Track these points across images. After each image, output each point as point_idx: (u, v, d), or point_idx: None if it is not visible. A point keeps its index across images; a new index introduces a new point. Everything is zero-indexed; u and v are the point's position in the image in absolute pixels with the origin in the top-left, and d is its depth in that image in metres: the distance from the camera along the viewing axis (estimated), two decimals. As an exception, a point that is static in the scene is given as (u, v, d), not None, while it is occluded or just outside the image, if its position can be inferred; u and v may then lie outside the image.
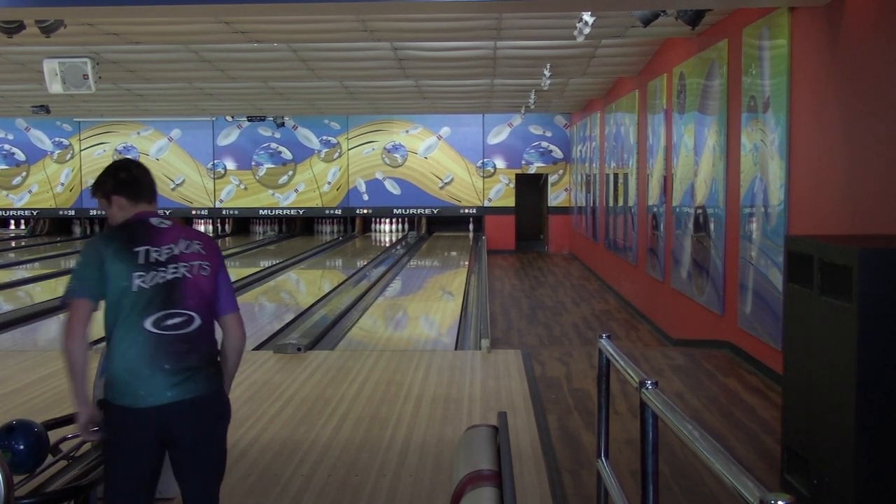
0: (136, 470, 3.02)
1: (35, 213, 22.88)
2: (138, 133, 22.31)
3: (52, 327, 10.26)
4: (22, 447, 3.50)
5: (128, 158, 3.50)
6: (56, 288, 13.96)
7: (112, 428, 3.02)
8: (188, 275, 3.08)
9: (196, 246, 3.14)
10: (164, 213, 3.38)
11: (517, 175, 21.39)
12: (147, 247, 3.05)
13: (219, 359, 3.20)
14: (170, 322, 3.01)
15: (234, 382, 3.38)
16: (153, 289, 3.00)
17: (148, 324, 2.98)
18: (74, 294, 3.03)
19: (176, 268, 3.06)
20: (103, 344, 3.14)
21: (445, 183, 21.59)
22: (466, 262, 16.82)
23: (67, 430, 3.92)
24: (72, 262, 17.79)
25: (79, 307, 3.01)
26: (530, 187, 21.88)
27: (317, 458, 4.91)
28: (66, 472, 4.06)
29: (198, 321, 3.08)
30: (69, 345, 3.01)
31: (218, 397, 3.17)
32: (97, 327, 3.11)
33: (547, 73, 11.72)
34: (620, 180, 13.19)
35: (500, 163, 21.38)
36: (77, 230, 23.43)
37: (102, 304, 3.04)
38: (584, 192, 17.98)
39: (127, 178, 3.21)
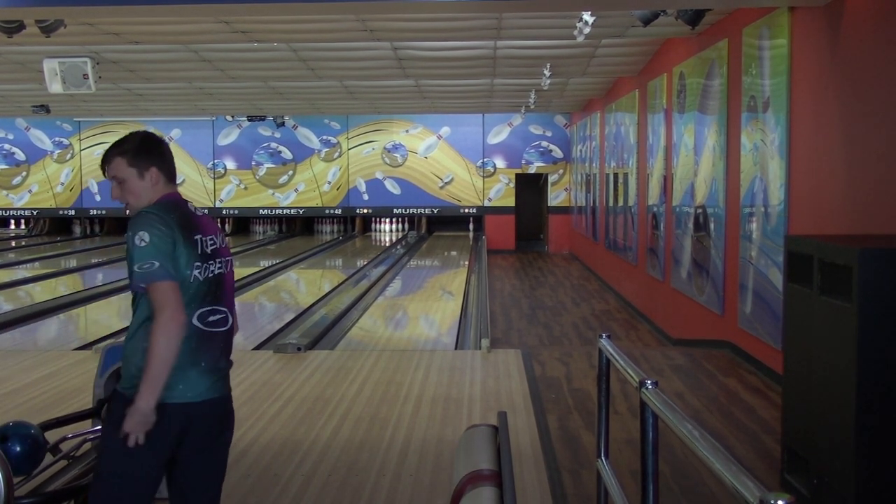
0: (152, 471, 2.86)
1: (35, 213, 22.88)
2: (138, 133, 22.29)
3: (51, 327, 10.26)
4: (18, 450, 3.48)
5: (146, 131, 3.15)
6: (56, 287, 13.96)
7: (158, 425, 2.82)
8: (226, 270, 3.01)
9: (226, 240, 3.08)
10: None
11: (517, 175, 21.39)
12: (201, 235, 2.90)
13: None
14: (212, 319, 2.93)
15: (234, 382, 3.38)
16: (205, 282, 2.89)
17: (195, 318, 2.86)
18: (164, 276, 2.75)
19: (221, 262, 2.97)
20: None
21: (445, 183, 21.59)
22: (466, 262, 16.82)
23: (67, 430, 3.92)
24: (72, 262, 17.83)
25: (173, 290, 2.76)
26: (530, 187, 21.88)
27: (317, 458, 4.90)
28: (66, 472, 4.06)
29: (230, 320, 3.03)
30: (178, 332, 2.76)
31: (231, 401, 3.14)
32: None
33: (547, 72, 11.72)
34: (620, 180, 13.19)
35: (500, 162, 21.38)
36: (77, 230, 23.44)
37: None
38: (584, 191, 17.98)
39: (168, 151, 3.01)
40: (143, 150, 2.94)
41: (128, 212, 2.94)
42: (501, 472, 2.65)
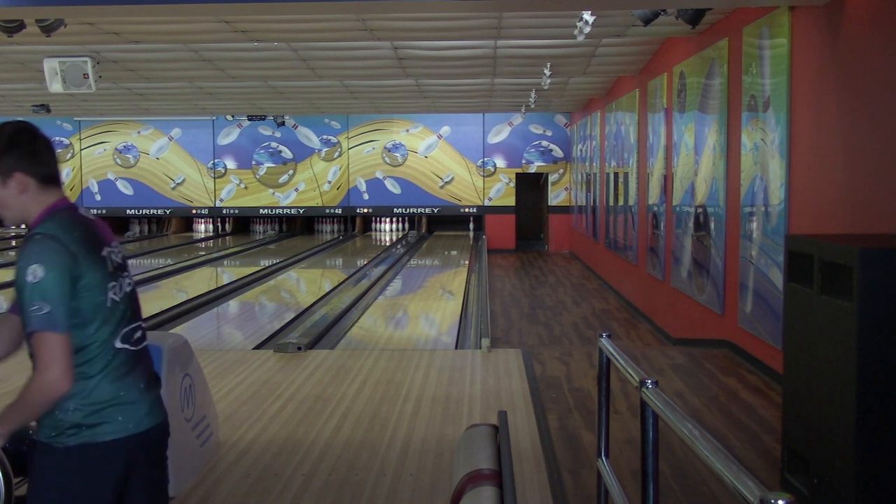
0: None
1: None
2: (138, 132, 22.32)
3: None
4: (25, 449, 3.40)
5: (20, 121, 2.48)
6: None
7: (73, 474, 2.39)
8: (132, 280, 2.60)
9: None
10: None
11: (517, 174, 21.39)
12: (107, 247, 2.46)
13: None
14: (135, 336, 2.52)
15: (234, 382, 3.35)
16: (123, 300, 2.47)
17: (119, 341, 2.45)
18: (53, 326, 2.31)
19: (128, 273, 2.55)
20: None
21: (446, 182, 21.59)
22: (466, 262, 16.82)
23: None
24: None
25: (61, 345, 2.32)
26: (530, 186, 21.88)
27: (317, 458, 4.91)
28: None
29: (145, 333, 2.61)
30: (57, 398, 2.36)
31: (168, 426, 2.64)
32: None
33: (547, 72, 11.72)
34: (621, 179, 13.19)
35: (500, 162, 21.38)
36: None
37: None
38: (584, 191, 17.98)
39: (42, 146, 2.42)
40: (2, 150, 2.38)
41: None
42: (502, 471, 2.65)
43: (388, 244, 20.32)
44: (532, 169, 21.32)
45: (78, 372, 2.38)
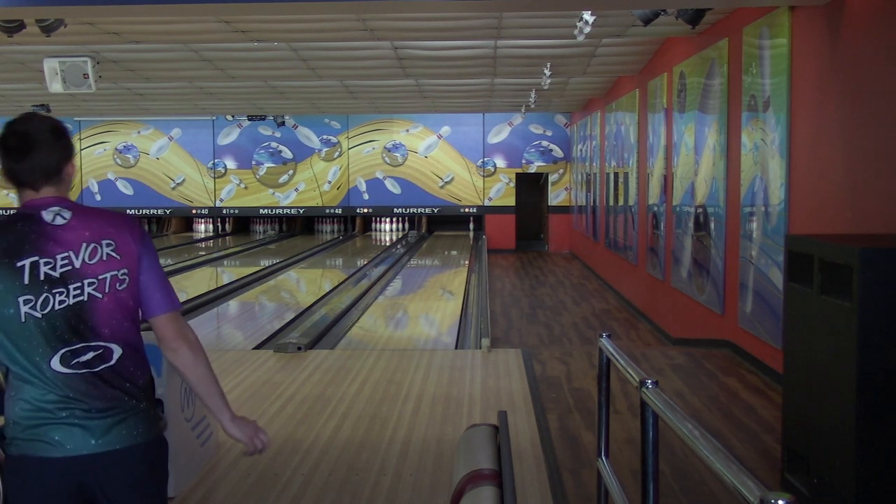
0: None
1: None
2: (138, 132, 22.32)
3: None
4: None
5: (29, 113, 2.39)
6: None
7: (9, 486, 2.30)
8: (97, 295, 2.29)
9: (107, 248, 2.32)
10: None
11: (517, 174, 21.39)
12: (35, 257, 2.24)
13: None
14: (82, 359, 2.27)
15: (234, 382, 3.34)
16: (49, 318, 2.24)
17: (54, 362, 2.24)
18: None
19: (80, 287, 2.27)
20: None
21: (446, 182, 21.59)
22: (466, 262, 16.82)
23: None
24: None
25: None
26: (530, 186, 21.88)
27: (317, 458, 4.91)
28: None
29: (118, 352, 2.33)
30: None
31: (158, 445, 2.43)
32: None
33: (547, 72, 11.72)
34: (621, 179, 13.19)
35: (500, 162, 21.38)
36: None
37: None
38: (584, 191, 17.98)
39: (14, 143, 2.30)
40: None
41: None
42: (502, 471, 2.65)
43: (388, 244, 20.32)
44: (532, 169, 21.32)
45: (7, 384, 2.30)
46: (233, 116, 21.12)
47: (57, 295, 2.25)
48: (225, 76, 12.27)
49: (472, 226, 22.18)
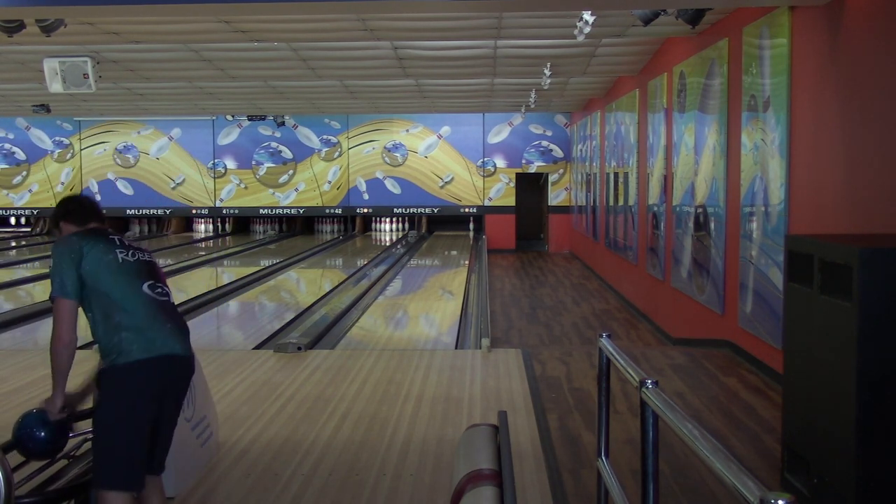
0: (144, 425, 3.34)
1: (35, 213, 22.88)
2: (138, 132, 22.32)
3: (51, 327, 10.25)
4: (42, 435, 3.51)
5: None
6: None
7: (121, 387, 3.32)
8: (152, 260, 3.62)
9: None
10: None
11: (517, 174, 21.39)
12: (115, 237, 3.57)
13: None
14: (158, 290, 3.50)
15: (234, 382, 3.41)
16: (136, 262, 3.49)
17: (145, 287, 3.44)
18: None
19: (143, 252, 3.59)
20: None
21: (446, 182, 21.59)
22: (466, 262, 16.82)
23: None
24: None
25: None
26: (530, 186, 21.88)
27: (317, 458, 4.91)
28: (66, 472, 4.06)
29: (170, 296, 3.60)
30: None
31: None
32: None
33: (547, 72, 11.72)
34: (621, 179, 13.19)
35: (500, 162, 21.38)
36: (77, 229, 23.40)
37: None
38: (584, 191, 17.98)
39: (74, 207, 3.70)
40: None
41: None
42: (502, 471, 2.65)
43: (388, 244, 20.32)
44: (532, 169, 21.32)
45: (107, 311, 3.48)
46: (233, 116, 21.12)
47: (137, 252, 3.54)
48: (225, 76, 12.27)
49: (472, 226, 22.18)
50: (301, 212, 22.21)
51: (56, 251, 3.45)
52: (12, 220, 23.31)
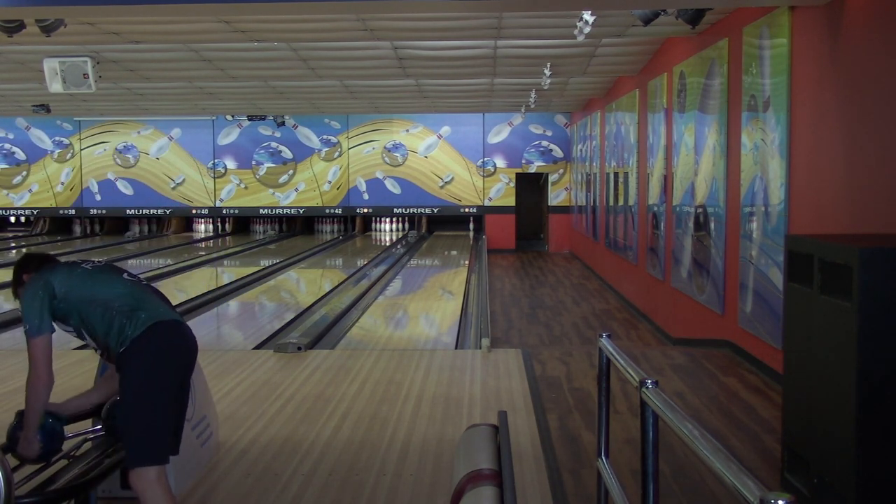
0: (171, 388, 3.44)
1: (35, 213, 22.88)
2: (138, 132, 22.32)
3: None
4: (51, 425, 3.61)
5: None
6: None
7: (144, 354, 3.39)
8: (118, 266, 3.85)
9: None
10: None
11: (517, 174, 21.39)
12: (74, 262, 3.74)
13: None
14: (135, 278, 3.70)
15: (234, 382, 3.41)
16: (105, 266, 3.73)
17: (125, 276, 3.65)
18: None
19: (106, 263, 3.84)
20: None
21: (446, 182, 21.59)
22: (466, 262, 16.82)
23: (67, 430, 3.92)
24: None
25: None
26: (530, 186, 21.88)
27: (317, 458, 4.91)
28: (66, 472, 4.05)
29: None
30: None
31: None
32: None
33: (547, 72, 11.72)
34: (621, 179, 13.19)
35: (500, 162, 21.38)
36: (77, 229, 23.44)
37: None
38: (584, 191, 17.98)
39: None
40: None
41: None
42: (501, 471, 2.65)
43: (388, 244, 20.32)
44: (532, 169, 21.32)
45: (100, 301, 3.67)
46: (233, 116, 21.12)
47: (101, 263, 3.73)
48: (225, 76, 12.27)
49: (472, 226, 22.18)
50: (301, 212, 22.21)
51: (24, 295, 3.53)
52: (12, 220, 23.32)
